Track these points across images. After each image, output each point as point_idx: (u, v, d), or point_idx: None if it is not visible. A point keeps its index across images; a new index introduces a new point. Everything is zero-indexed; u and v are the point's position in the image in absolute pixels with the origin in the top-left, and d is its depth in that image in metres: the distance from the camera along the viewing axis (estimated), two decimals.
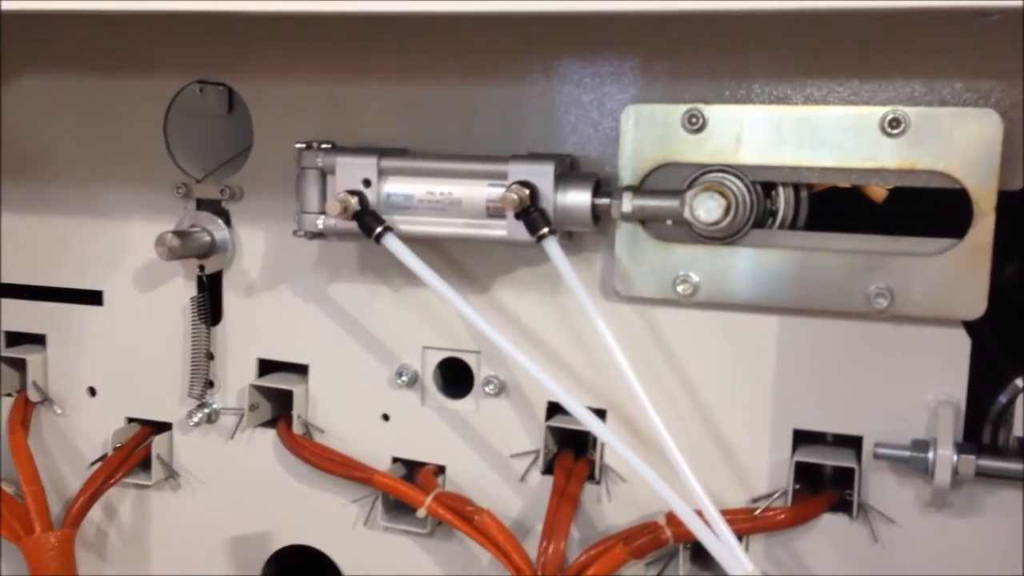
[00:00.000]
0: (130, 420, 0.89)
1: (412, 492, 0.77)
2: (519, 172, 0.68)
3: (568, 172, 0.70)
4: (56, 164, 0.87)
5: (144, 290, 0.86)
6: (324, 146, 0.73)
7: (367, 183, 0.71)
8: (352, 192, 0.71)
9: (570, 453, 0.77)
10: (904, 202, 0.80)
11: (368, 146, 0.73)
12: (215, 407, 0.86)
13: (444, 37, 0.75)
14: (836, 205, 0.76)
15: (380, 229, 0.70)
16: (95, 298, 0.88)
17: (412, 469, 0.81)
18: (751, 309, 0.70)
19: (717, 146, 0.68)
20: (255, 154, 0.81)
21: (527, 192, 0.67)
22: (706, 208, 0.66)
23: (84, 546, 0.90)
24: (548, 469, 0.77)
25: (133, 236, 0.85)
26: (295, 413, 0.82)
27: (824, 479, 0.73)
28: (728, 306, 0.70)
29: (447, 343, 0.79)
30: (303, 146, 0.73)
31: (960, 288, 0.64)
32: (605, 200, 0.68)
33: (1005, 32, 0.62)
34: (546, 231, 0.67)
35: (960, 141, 0.63)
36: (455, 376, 0.79)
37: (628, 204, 0.68)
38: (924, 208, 0.69)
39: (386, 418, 0.81)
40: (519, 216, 0.68)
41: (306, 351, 0.83)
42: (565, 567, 0.74)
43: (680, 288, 0.70)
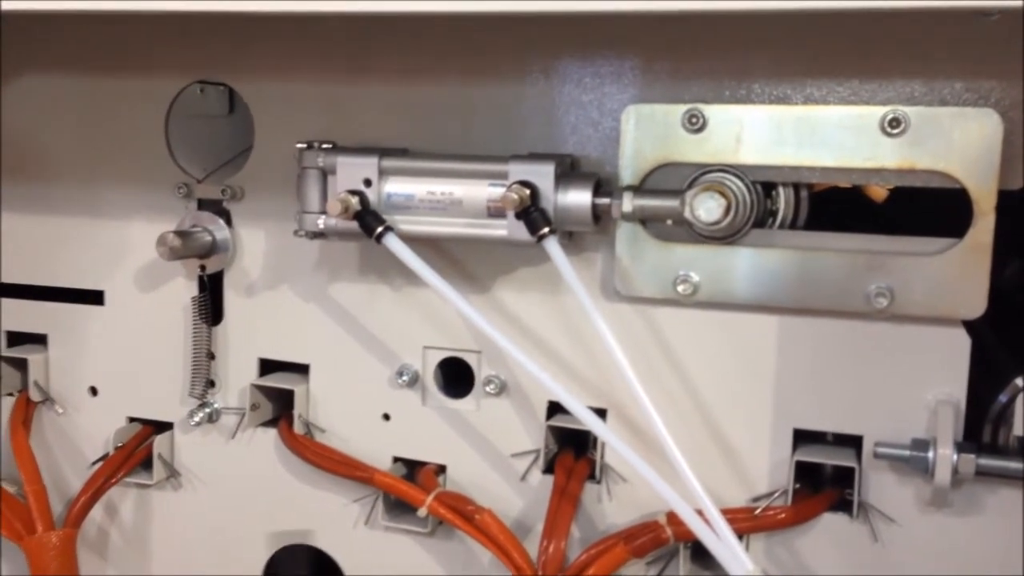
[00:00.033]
0: (131, 420, 0.89)
1: (413, 491, 0.77)
2: (520, 172, 0.68)
3: (568, 172, 0.70)
4: (57, 164, 0.87)
5: (145, 290, 0.86)
6: (325, 146, 0.73)
7: (368, 183, 0.71)
8: (353, 192, 0.71)
9: (570, 452, 0.78)
10: (904, 202, 0.80)
11: (369, 146, 0.73)
12: (216, 407, 0.86)
13: (444, 37, 0.75)
14: (836, 205, 0.76)
15: (381, 229, 0.70)
16: (96, 298, 0.88)
17: (413, 469, 0.81)
18: (751, 309, 0.70)
19: (717, 146, 0.68)
20: (256, 154, 0.81)
21: (528, 192, 0.67)
22: (706, 208, 0.66)
23: (85, 546, 0.90)
24: (549, 468, 0.77)
25: (134, 236, 0.85)
26: (296, 413, 0.82)
27: (824, 478, 0.73)
28: (728, 306, 0.70)
29: (448, 343, 0.79)
30: (304, 146, 0.73)
31: (960, 288, 0.64)
32: (605, 200, 0.68)
33: (1005, 32, 0.62)
34: (547, 231, 0.67)
35: (960, 141, 0.63)
36: (456, 376, 0.80)
37: (628, 204, 0.68)
38: (924, 208, 0.69)
39: (387, 418, 0.81)
40: (520, 216, 0.68)
41: (307, 351, 0.83)
42: (566, 566, 0.74)
43: (680, 288, 0.70)
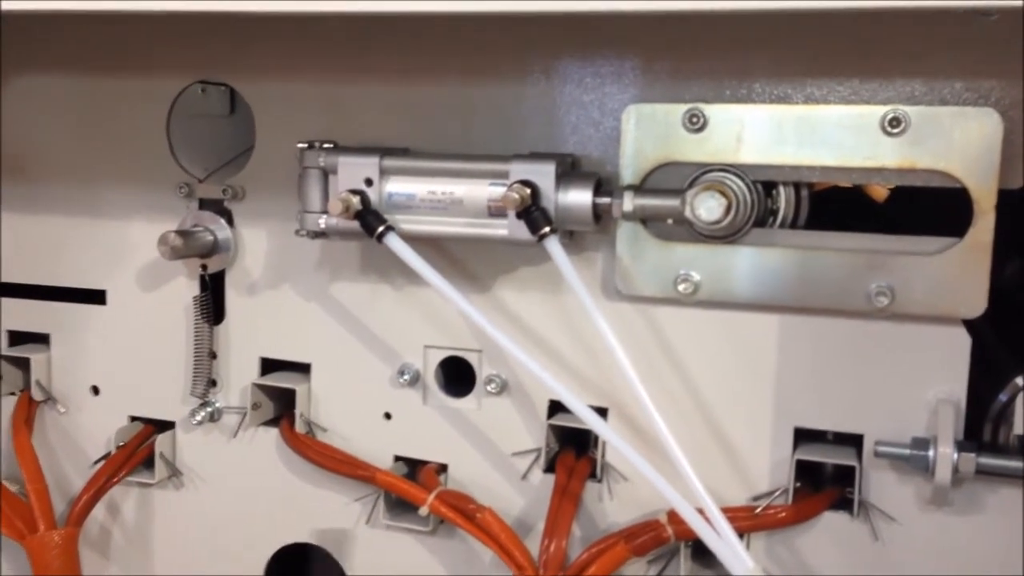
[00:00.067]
0: (133, 419, 0.89)
1: (414, 490, 0.77)
2: (520, 171, 0.68)
3: (569, 171, 0.70)
4: (59, 164, 0.88)
5: (147, 289, 0.86)
6: (326, 146, 0.73)
7: (369, 182, 0.72)
8: (354, 191, 0.71)
9: (571, 451, 0.78)
10: (905, 201, 0.80)
11: (370, 146, 0.73)
12: (218, 406, 0.86)
13: (445, 37, 0.75)
14: (837, 204, 0.76)
15: (382, 228, 0.70)
16: (98, 297, 0.88)
17: (414, 467, 0.81)
18: (752, 308, 0.70)
19: (718, 145, 0.68)
20: (257, 154, 0.81)
21: (528, 191, 0.67)
22: (707, 207, 0.66)
23: (87, 545, 0.90)
24: (550, 467, 0.77)
25: (136, 236, 0.86)
26: (297, 412, 0.82)
27: (825, 477, 0.73)
28: (729, 305, 0.70)
29: (449, 342, 0.79)
30: (305, 146, 0.74)
31: (960, 287, 0.64)
32: (606, 199, 0.68)
33: (1005, 32, 0.62)
34: (547, 230, 0.67)
35: (960, 140, 0.63)
36: (457, 375, 0.80)
37: (629, 203, 0.68)
38: (924, 207, 0.69)
39: (388, 417, 0.81)
40: (520, 215, 0.68)
41: (308, 350, 0.83)
42: (567, 565, 0.74)
43: (681, 287, 0.70)
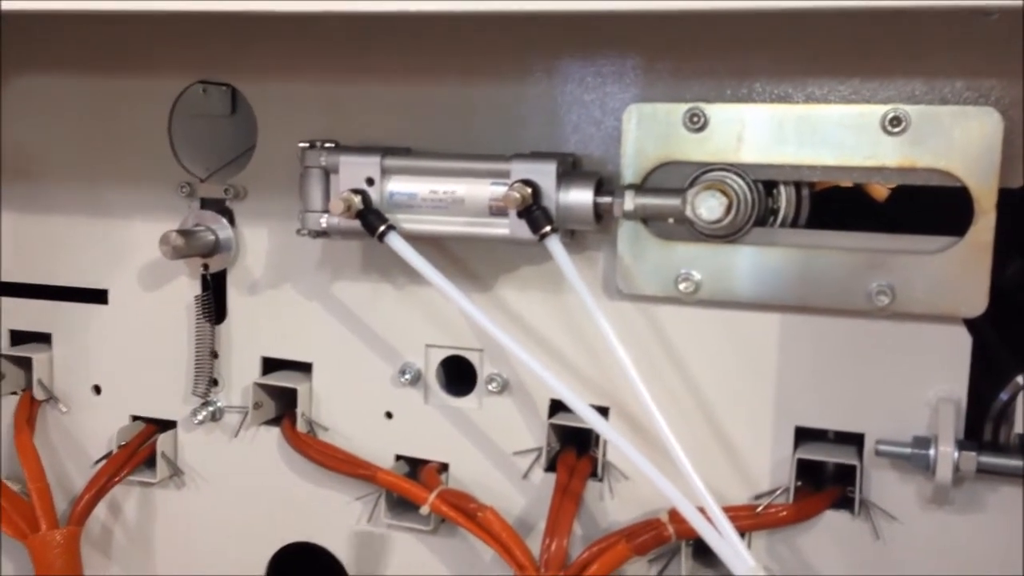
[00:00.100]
0: (135, 418, 0.89)
1: (415, 489, 0.77)
2: (522, 171, 0.68)
3: (570, 171, 0.70)
4: (61, 164, 0.88)
5: (149, 289, 0.87)
6: (327, 145, 0.73)
7: (370, 182, 0.72)
8: (355, 191, 0.71)
9: (572, 451, 0.78)
10: (905, 200, 0.81)
11: (371, 145, 0.74)
12: (219, 405, 0.86)
13: (446, 37, 0.75)
14: (837, 203, 0.76)
15: (383, 228, 0.70)
16: (100, 297, 0.88)
17: (415, 467, 0.81)
18: (753, 307, 0.70)
19: (719, 145, 0.68)
20: (258, 153, 0.82)
21: (529, 191, 0.67)
22: (708, 206, 0.66)
23: (89, 544, 0.90)
24: (551, 466, 0.77)
25: (138, 235, 0.86)
26: (299, 411, 0.82)
27: (826, 476, 0.73)
28: (730, 304, 0.70)
29: (450, 341, 0.79)
30: (306, 145, 0.74)
31: (961, 286, 0.64)
32: (607, 199, 0.68)
33: (1005, 31, 0.62)
34: (548, 229, 0.67)
35: (961, 139, 0.63)
36: (458, 374, 0.80)
37: (630, 202, 0.68)
38: (925, 206, 0.69)
39: (389, 416, 0.81)
40: (522, 215, 0.68)
41: (310, 349, 0.83)
42: (568, 564, 0.74)
43: (682, 286, 0.70)
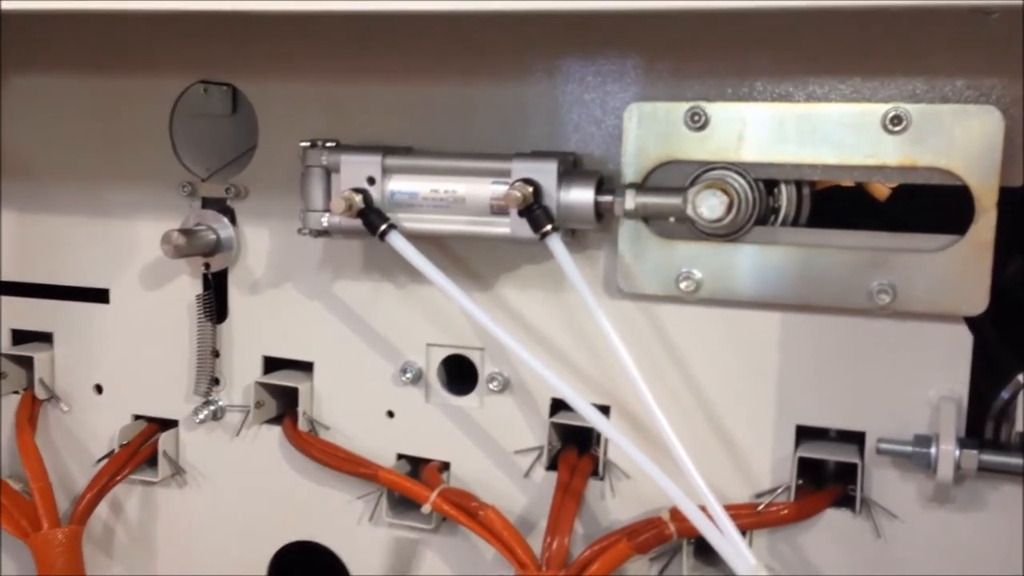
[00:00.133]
0: (136, 417, 0.89)
1: (417, 488, 0.77)
2: (523, 170, 0.68)
3: (571, 170, 0.70)
4: (62, 164, 0.88)
5: (150, 288, 0.87)
6: (328, 144, 0.73)
7: (371, 181, 0.72)
8: (356, 190, 0.71)
9: (574, 449, 0.78)
10: (906, 199, 0.81)
11: (372, 144, 0.74)
12: (221, 404, 0.86)
13: (446, 37, 0.75)
14: (838, 202, 0.76)
15: (384, 227, 0.71)
16: (102, 296, 0.88)
17: (417, 465, 0.81)
18: (754, 306, 0.70)
19: (719, 144, 0.68)
20: (260, 153, 0.82)
21: (530, 190, 0.67)
22: (709, 205, 0.66)
23: (91, 542, 0.91)
24: (552, 465, 0.77)
25: (139, 235, 0.86)
26: (300, 410, 0.82)
27: (827, 475, 0.73)
28: (731, 303, 0.70)
29: (451, 340, 0.79)
30: (308, 144, 0.74)
31: (962, 284, 0.64)
32: (608, 197, 0.68)
33: (1005, 30, 0.62)
34: (549, 228, 0.67)
35: (961, 138, 0.63)
36: (459, 373, 0.80)
37: (631, 201, 0.68)
38: (926, 205, 0.69)
39: (391, 415, 0.81)
40: (523, 214, 0.68)
41: (311, 348, 0.83)
42: (569, 562, 0.74)
43: (683, 285, 0.70)
